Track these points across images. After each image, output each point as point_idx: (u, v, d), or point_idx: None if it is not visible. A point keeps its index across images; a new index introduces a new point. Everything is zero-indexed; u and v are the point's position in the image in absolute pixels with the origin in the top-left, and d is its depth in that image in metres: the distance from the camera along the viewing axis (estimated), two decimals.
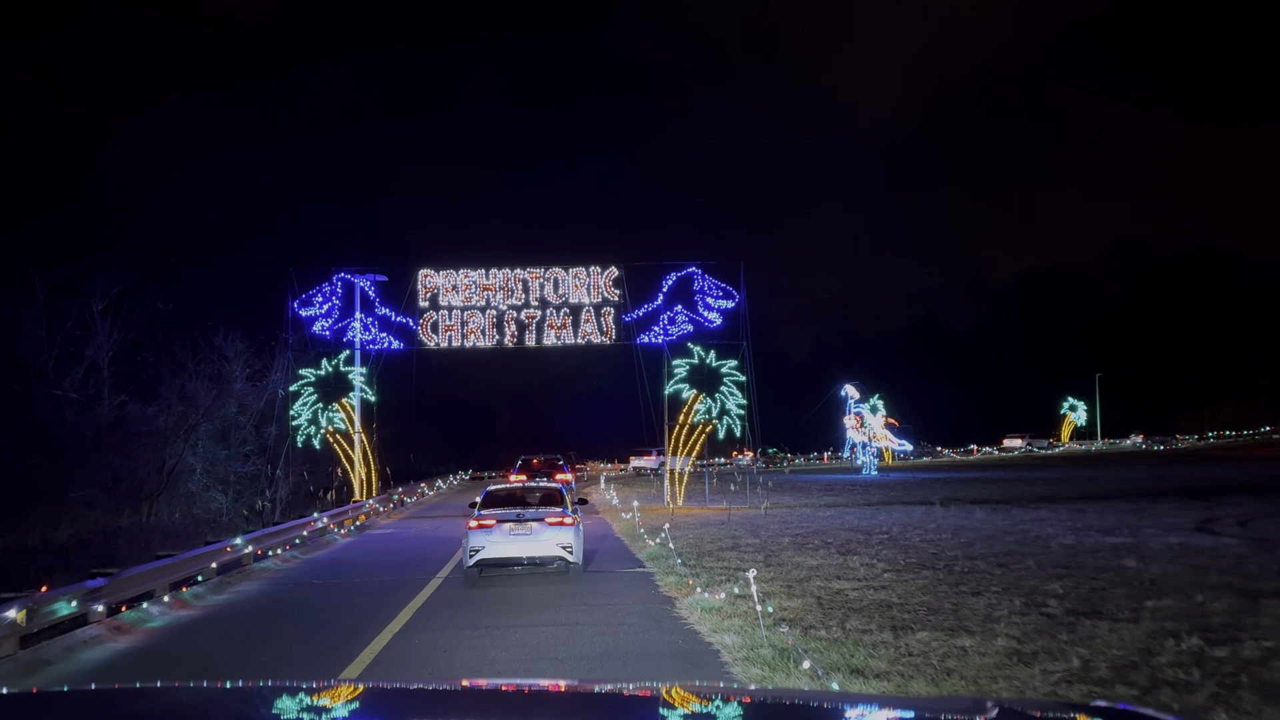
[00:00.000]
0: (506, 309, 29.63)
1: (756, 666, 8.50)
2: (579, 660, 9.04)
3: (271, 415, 29.40)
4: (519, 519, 14.33)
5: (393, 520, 28.25)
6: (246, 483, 30.81)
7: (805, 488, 40.13)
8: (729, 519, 24.33)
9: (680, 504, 29.40)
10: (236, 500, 30.33)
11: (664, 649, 9.47)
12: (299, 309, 29.07)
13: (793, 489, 37.87)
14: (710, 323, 29.62)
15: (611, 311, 29.73)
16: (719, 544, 18.48)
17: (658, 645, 9.66)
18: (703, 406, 29.35)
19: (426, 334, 29.38)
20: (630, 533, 21.05)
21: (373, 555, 18.54)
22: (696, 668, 8.60)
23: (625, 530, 22.00)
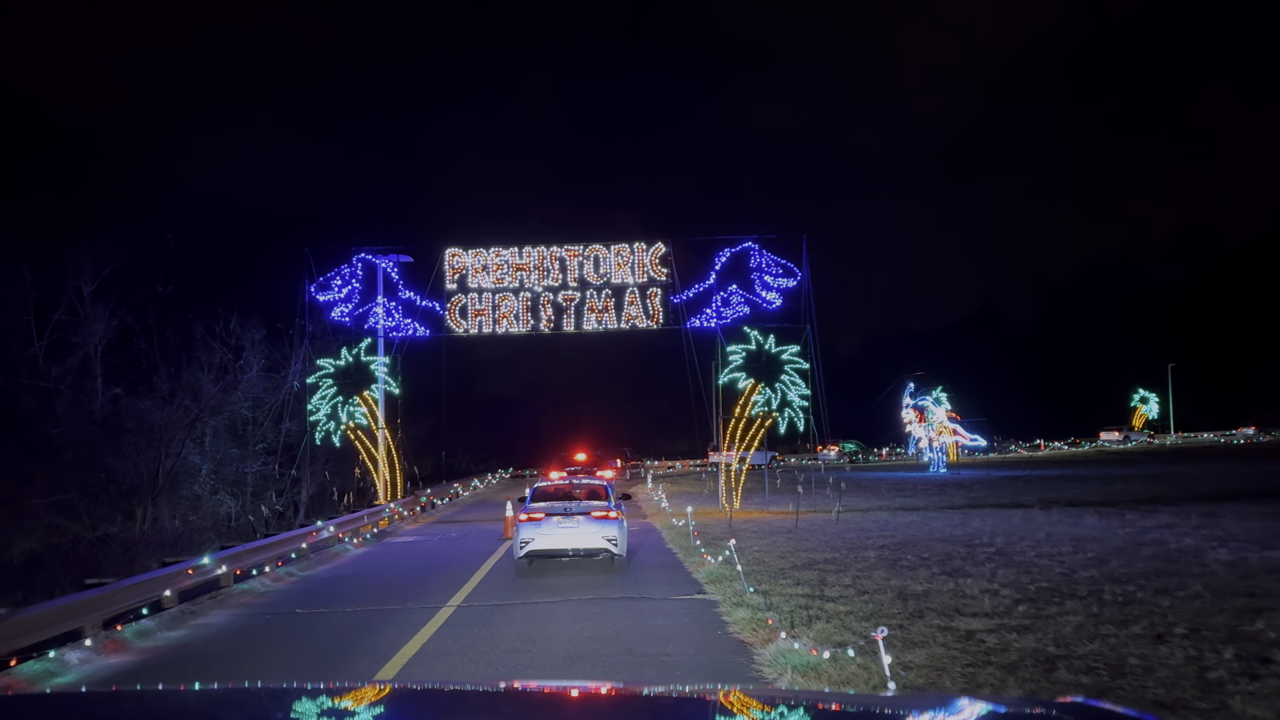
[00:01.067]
0: (542, 291, 26.79)
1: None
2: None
3: (287, 410, 26.88)
4: (566, 513, 14.98)
5: (419, 526, 25.57)
6: (264, 484, 28.39)
7: (872, 487, 36.82)
8: (796, 525, 21.22)
9: (737, 506, 26.33)
10: (254, 503, 27.93)
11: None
12: (316, 293, 26.53)
13: (859, 489, 34.57)
14: (769, 304, 26.48)
15: (658, 293, 26.73)
16: (791, 559, 15.41)
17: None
18: (761, 397, 26.25)
19: (454, 319, 26.65)
20: (684, 544, 18.05)
21: (381, 573, 15.76)
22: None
23: (678, 540, 19.00)
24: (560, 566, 15.40)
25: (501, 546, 19.26)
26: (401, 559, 17.62)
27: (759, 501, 28.15)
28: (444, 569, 15.87)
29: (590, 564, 15.69)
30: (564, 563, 15.66)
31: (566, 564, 15.73)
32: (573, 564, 15.76)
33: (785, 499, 29.56)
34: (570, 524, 14.85)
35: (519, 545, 14.91)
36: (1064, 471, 43.47)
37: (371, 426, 26.62)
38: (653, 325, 26.68)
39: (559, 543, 14.81)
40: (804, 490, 31.93)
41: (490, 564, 16.46)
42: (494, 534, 21.79)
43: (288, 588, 14.15)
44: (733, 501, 26.38)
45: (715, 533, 20.31)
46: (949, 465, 50.00)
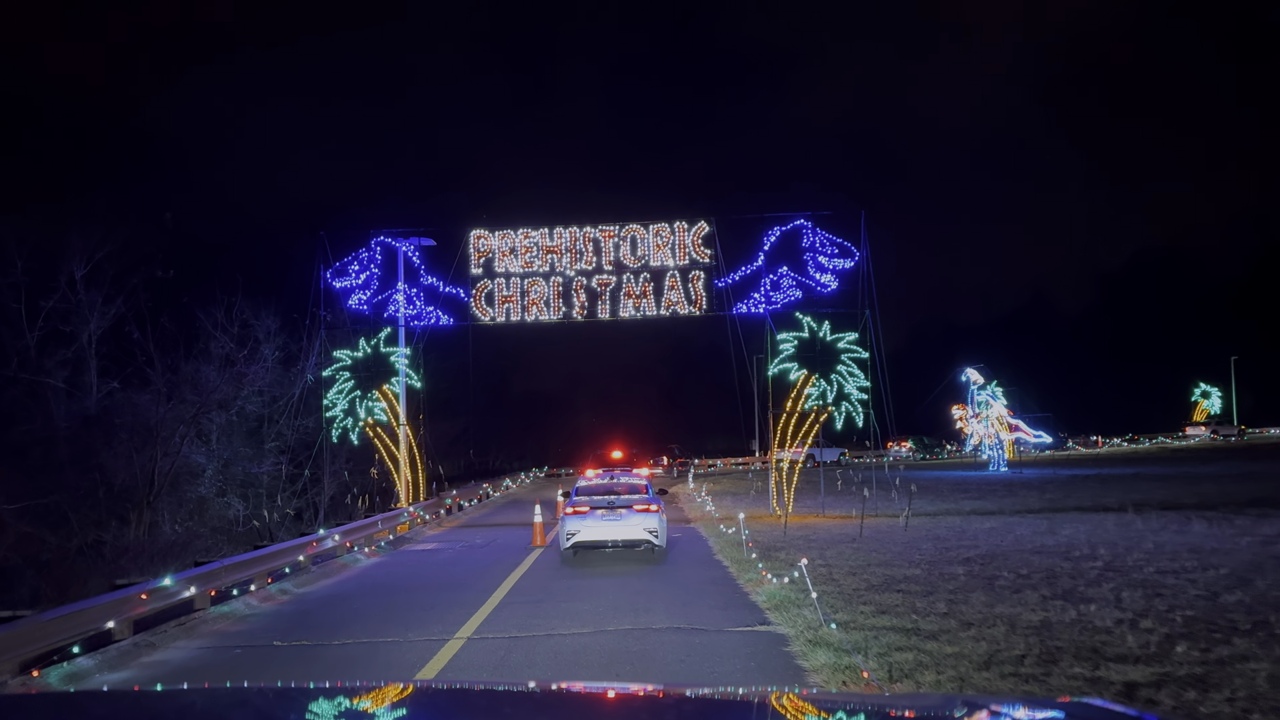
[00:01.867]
0: (575, 275, 24.68)
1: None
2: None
3: (301, 405, 25.06)
4: (610, 506, 15.88)
5: (441, 531, 23.61)
6: (281, 486, 26.64)
7: (933, 487, 34.31)
8: (861, 533, 18.89)
9: (790, 510, 24.04)
10: (269, 505, 26.20)
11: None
12: (332, 279, 24.67)
13: (921, 490, 32.08)
14: (823, 287, 24.13)
15: (701, 276, 24.50)
16: (865, 577, 13.13)
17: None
18: (815, 390, 23.91)
19: (480, 307, 24.64)
20: (736, 555, 15.83)
21: (387, 591, 13.73)
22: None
23: (729, 550, 16.78)
24: (593, 587, 13.29)
25: (528, 557, 17.18)
26: (414, 573, 15.59)
27: (813, 504, 25.82)
28: (460, 586, 13.80)
29: (629, 583, 13.57)
30: (597, 582, 13.58)
31: (600, 582, 13.64)
32: (608, 582, 13.66)
33: (842, 501, 27.23)
34: (613, 517, 15.84)
35: (565, 536, 15.88)
36: (1138, 470, 40.56)
37: (392, 423, 24.72)
38: (695, 311, 24.47)
39: (603, 534, 15.78)
40: (860, 491, 29.53)
41: (513, 579, 14.38)
42: (521, 541, 19.73)
43: (274, 610, 12.16)
44: (785, 504, 24.09)
45: (769, 541, 18.08)
46: (1011, 464, 47.13)
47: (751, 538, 17.11)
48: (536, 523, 18.74)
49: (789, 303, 24.29)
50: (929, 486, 34.84)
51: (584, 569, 15.16)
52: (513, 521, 25.14)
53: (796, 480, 24.39)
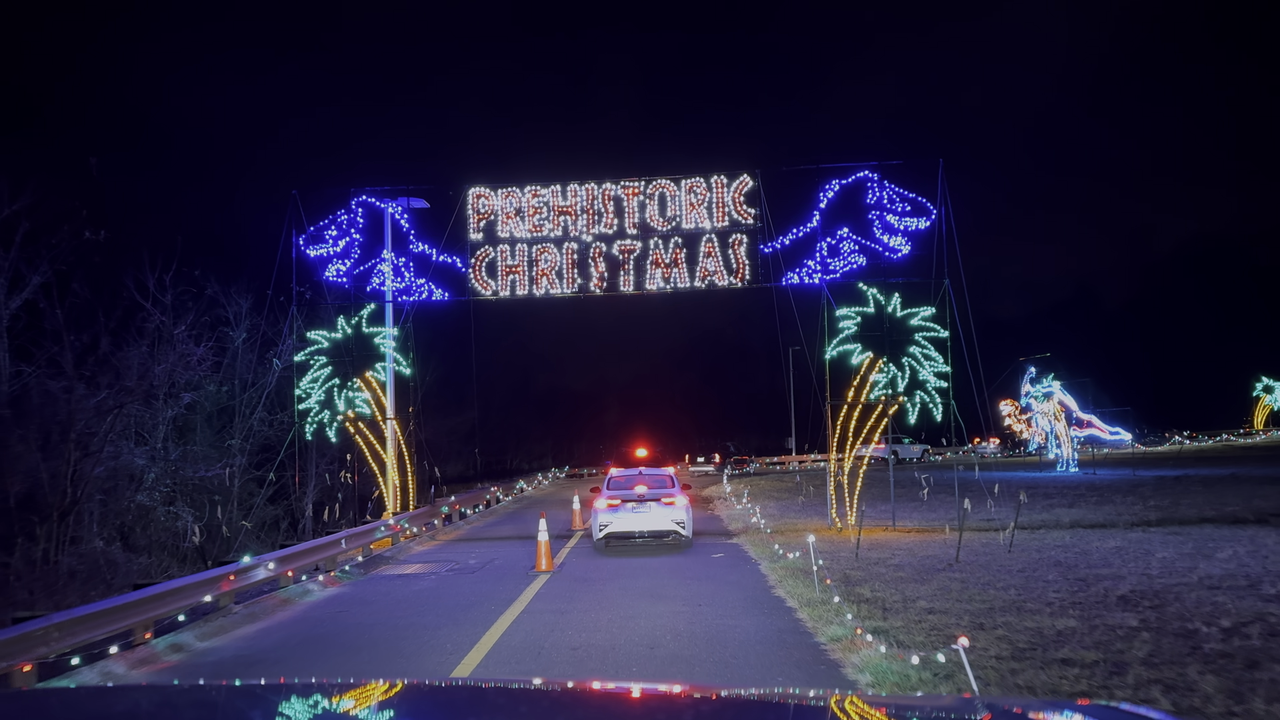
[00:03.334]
0: (592, 240, 20.82)
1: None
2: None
3: (275, 397, 21.40)
4: (640, 499, 16.89)
5: (433, 546, 19.85)
6: (251, 492, 23.02)
7: (1006, 491, 30.11)
8: (958, 556, 14.85)
9: (852, 521, 20.02)
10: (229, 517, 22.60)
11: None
12: (305, 247, 20.98)
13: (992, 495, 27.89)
14: (893, 252, 20.10)
15: (743, 240, 20.55)
16: (1002, 633, 9.15)
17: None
18: (882, 376, 19.89)
19: (480, 279, 20.84)
20: (805, 593, 11.88)
21: (321, 649, 9.91)
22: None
23: (792, 584, 12.82)
24: (609, 646, 9.35)
25: (529, 586, 13.35)
26: (374, 614, 11.76)
27: (878, 512, 21.76)
28: (427, 638, 9.98)
29: (659, 643, 9.62)
30: (615, 636, 9.68)
31: (618, 636, 9.74)
32: (629, 636, 9.74)
33: (911, 509, 23.16)
34: (643, 509, 16.61)
35: (597, 528, 16.91)
36: (1232, 470, 36.06)
37: (376, 417, 20.98)
38: (735, 282, 20.52)
39: (632, 525, 16.65)
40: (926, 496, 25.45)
41: (503, 624, 10.54)
42: (524, 562, 15.93)
43: (146, 678, 8.37)
44: (847, 514, 20.09)
45: (841, 566, 14.15)
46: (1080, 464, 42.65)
47: (810, 561, 13.17)
48: (541, 541, 14.91)
49: (851, 271, 20.29)
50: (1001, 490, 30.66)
51: (598, 613, 11.27)
52: (520, 534, 21.33)
53: (860, 484, 20.34)
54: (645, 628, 10.12)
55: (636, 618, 10.79)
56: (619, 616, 10.90)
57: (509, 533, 21.80)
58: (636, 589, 12.87)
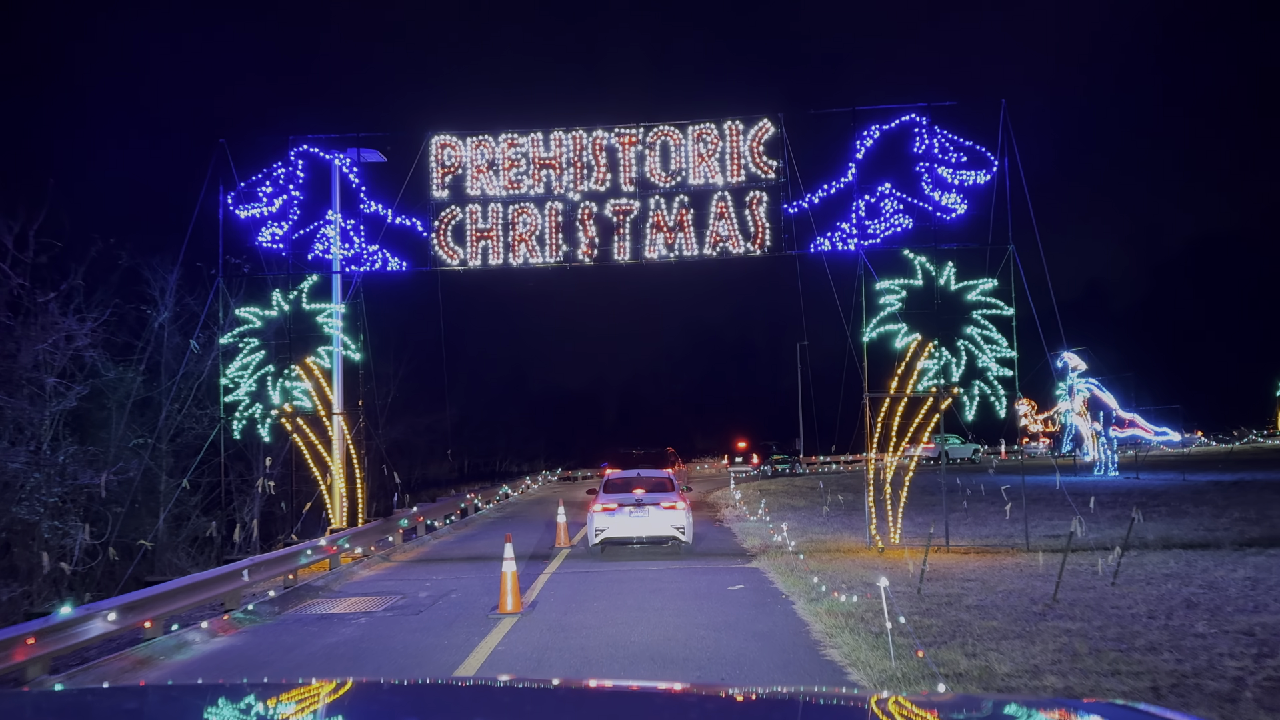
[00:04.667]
0: (580, 199, 17.36)
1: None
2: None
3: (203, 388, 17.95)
4: (638, 503, 16.17)
5: (384, 569, 16.39)
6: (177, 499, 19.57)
7: (1052, 498, 26.72)
8: (1055, 594, 11.36)
9: (896, 538, 16.57)
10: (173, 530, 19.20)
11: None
12: (234, 206, 17.49)
13: (1037, 501, 24.45)
14: (946, 212, 16.65)
15: (763, 198, 17.09)
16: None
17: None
18: (933, 363, 16.42)
19: (445, 245, 17.38)
20: (875, 663, 8.35)
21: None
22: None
23: (850, 646, 9.28)
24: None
25: (485, 640, 9.86)
26: (259, 681, 8.19)
27: (918, 526, 18.26)
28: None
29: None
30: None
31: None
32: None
33: (964, 520, 19.69)
34: (641, 514, 16.09)
35: (593, 533, 16.28)
36: None
37: (319, 412, 17.48)
38: (753, 249, 17.05)
39: (630, 530, 16.09)
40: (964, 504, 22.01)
41: None
42: (489, 596, 12.43)
43: None
44: (889, 531, 16.63)
45: (903, 606, 10.67)
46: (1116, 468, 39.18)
47: (865, 597, 9.72)
48: (507, 573, 11.40)
49: (894, 235, 16.85)
50: (1044, 497, 27.24)
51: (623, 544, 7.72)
52: (494, 553, 17.84)
53: (904, 493, 16.84)
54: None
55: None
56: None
57: (482, 550, 18.32)
58: (632, 646, 9.39)
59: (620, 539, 16.15)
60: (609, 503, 16.32)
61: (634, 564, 15.78)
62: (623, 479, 17.85)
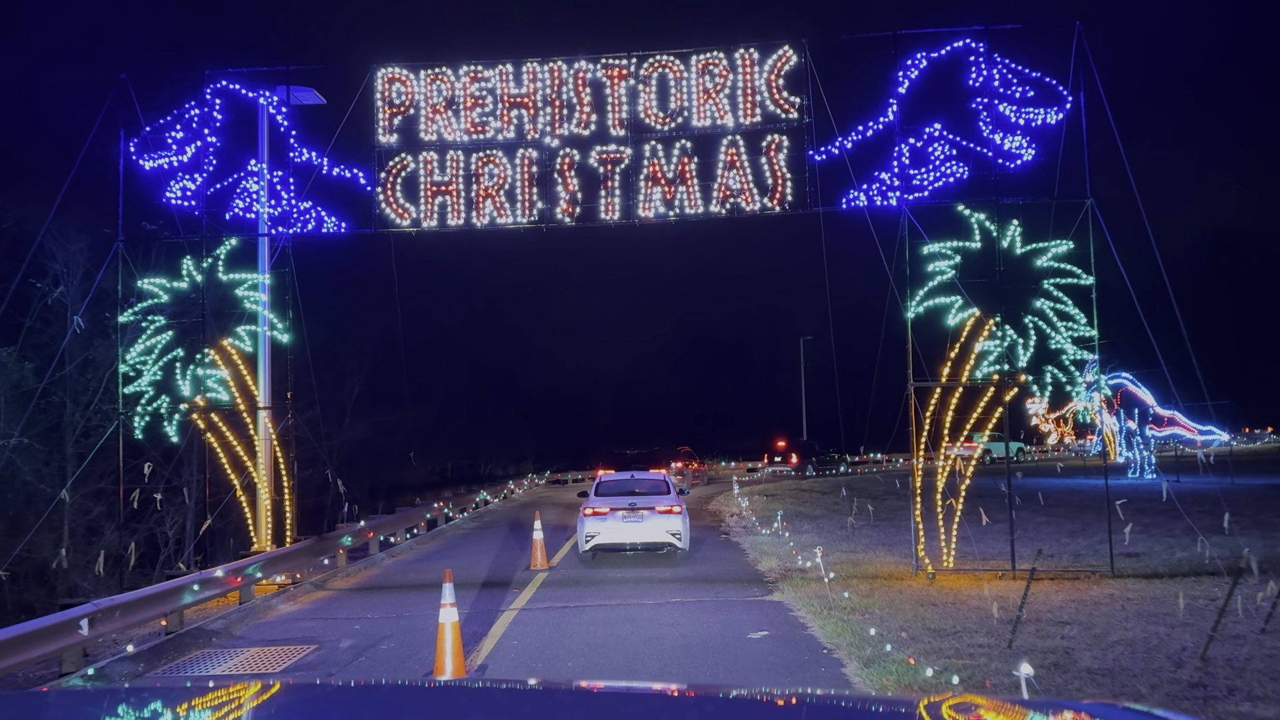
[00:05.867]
0: (559, 145, 14.26)
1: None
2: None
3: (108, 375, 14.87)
4: (631, 507, 15.40)
5: (310, 603, 13.31)
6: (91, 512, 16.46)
7: (1094, 507, 23.76)
8: (1205, 653, 8.24)
9: (949, 561, 13.49)
10: (83, 546, 16.14)
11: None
12: (137, 156, 14.38)
13: (1074, 510, 21.44)
14: (1009, 159, 13.59)
15: (783, 144, 14.01)
16: None
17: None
18: (994, 344, 13.35)
19: (393, 202, 14.29)
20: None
21: None
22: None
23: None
24: None
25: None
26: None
27: (970, 539, 15.18)
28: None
29: None
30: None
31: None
32: None
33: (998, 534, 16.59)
34: (634, 518, 15.34)
35: (584, 539, 15.48)
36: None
37: (238, 406, 14.34)
38: (770, 206, 13.97)
39: (623, 536, 15.31)
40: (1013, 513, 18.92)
41: None
42: (427, 649, 9.30)
43: None
44: (942, 552, 13.54)
45: (988, 666, 7.60)
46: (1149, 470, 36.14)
47: (948, 663, 6.67)
48: (446, 624, 8.23)
49: (944, 187, 13.78)
50: (1085, 504, 24.28)
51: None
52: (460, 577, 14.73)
53: (959, 503, 13.72)
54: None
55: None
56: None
57: (435, 578, 15.18)
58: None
59: (612, 545, 15.42)
60: (600, 506, 15.53)
61: (624, 593, 12.72)
62: (616, 481, 17.16)
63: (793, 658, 8.82)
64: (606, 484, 17.01)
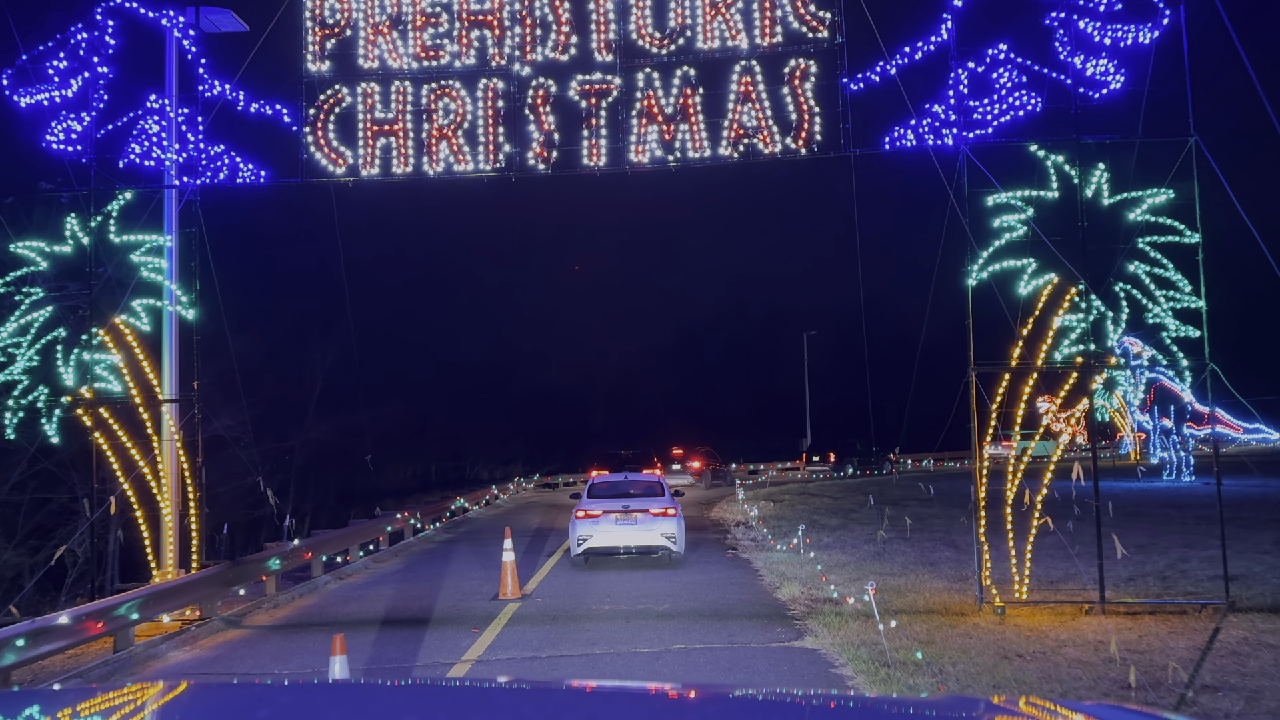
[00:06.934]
0: (531, 74, 11.57)
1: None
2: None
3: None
4: (625, 510, 15.19)
5: (220, 645, 10.67)
6: None
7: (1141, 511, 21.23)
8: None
9: (1023, 591, 10.78)
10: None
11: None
12: (10, 90, 11.68)
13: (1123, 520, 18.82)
14: (1094, 88, 10.96)
15: (810, 71, 11.36)
16: None
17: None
18: (1075, 318, 10.67)
19: (324, 144, 11.61)
20: None
21: None
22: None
23: None
24: None
25: None
26: None
27: (1049, 560, 12.48)
28: None
29: None
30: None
31: None
32: None
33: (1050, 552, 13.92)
34: (628, 521, 15.14)
35: (576, 543, 15.25)
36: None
37: (133, 400, 11.61)
38: (794, 147, 11.30)
39: (616, 540, 15.07)
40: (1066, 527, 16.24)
41: None
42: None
43: None
44: (1015, 579, 10.85)
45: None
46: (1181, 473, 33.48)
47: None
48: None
49: (1011, 123, 11.14)
50: (1135, 511, 21.75)
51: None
52: (413, 612, 12.13)
53: (1035, 519, 11.00)
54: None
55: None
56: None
57: (396, 604, 12.47)
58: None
59: (605, 549, 15.14)
60: (593, 509, 15.33)
61: (611, 635, 10.06)
62: (609, 483, 16.91)
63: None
64: (599, 485, 16.75)
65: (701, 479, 37.74)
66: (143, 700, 2.58)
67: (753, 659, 8.84)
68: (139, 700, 2.55)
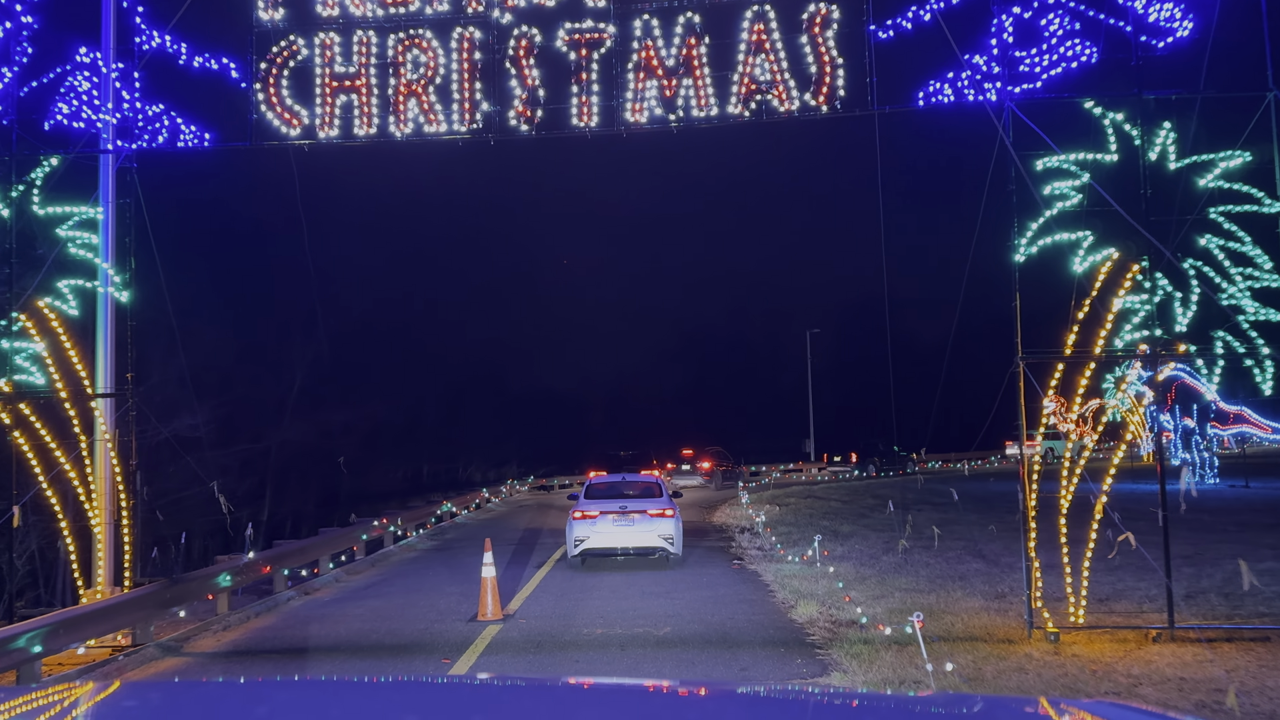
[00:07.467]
0: (511, 22, 10.15)
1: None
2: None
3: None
4: (623, 511, 15.12)
5: (149, 679, 9.13)
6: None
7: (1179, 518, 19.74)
8: None
9: (1079, 615, 9.35)
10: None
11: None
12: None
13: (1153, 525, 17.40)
14: (1157, 36, 9.59)
15: (831, 17, 9.99)
16: None
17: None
18: (1139, 299, 9.27)
19: (276, 102, 10.22)
20: None
21: None
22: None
23: None
24: None
25: None
26: None
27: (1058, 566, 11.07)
28: None
29: None
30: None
31: None
32: None
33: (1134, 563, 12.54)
34: (625, 522, 15.06)
35: (573, 544, 15.16)
36: None
37: (57, 394, 10.20)
38: (814, 104, 9.93)
39: (614, 541, 15.02)
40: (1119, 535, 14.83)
41: None
42: None
43: None
44: (1071, 600, 9.45)
45: None
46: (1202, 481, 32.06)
47: None
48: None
49: (1063, 76, 9.76)
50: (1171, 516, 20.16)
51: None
52: (386, 636, 10.71)
53: (1093, 530, 9.59)
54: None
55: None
56: None
57: (358, 627, 11.04)
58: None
59: (602, 550, 15.09)
60: (590, 509, 15.27)
61: (604, 667, 8.62)
62: (606, 484, 16.92)
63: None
64: (597, 486, 16.77)
65: (711, 480, 36.41)
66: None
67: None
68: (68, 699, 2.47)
